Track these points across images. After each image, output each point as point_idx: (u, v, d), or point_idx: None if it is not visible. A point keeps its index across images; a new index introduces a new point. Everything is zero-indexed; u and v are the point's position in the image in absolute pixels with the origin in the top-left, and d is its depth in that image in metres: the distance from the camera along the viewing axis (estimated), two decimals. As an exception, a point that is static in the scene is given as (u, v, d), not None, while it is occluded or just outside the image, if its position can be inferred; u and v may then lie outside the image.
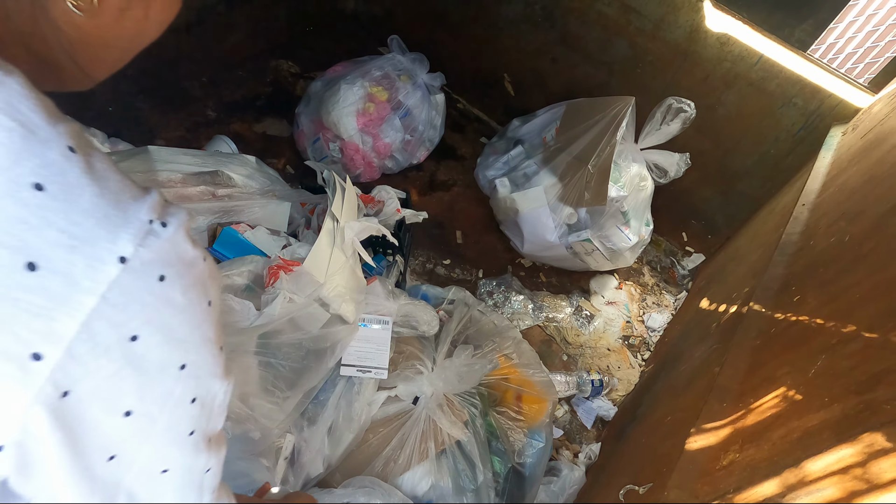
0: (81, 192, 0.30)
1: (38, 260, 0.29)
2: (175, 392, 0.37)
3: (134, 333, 0.33)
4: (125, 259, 0.31)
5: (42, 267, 0.29)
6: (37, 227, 0.29)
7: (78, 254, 0.30)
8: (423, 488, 1.31)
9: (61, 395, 0.31)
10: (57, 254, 0.29)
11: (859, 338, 0.83)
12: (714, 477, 0.89)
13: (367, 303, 1.37)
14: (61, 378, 0.31)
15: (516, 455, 1.46)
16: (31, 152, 0.29)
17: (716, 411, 1.03)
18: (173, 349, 0.35)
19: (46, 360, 0.30)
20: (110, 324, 0.31)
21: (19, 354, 0.30)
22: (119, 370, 0.33)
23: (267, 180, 1.54)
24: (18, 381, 0.30)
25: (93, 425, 0.34)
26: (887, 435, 0.62)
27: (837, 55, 4.07)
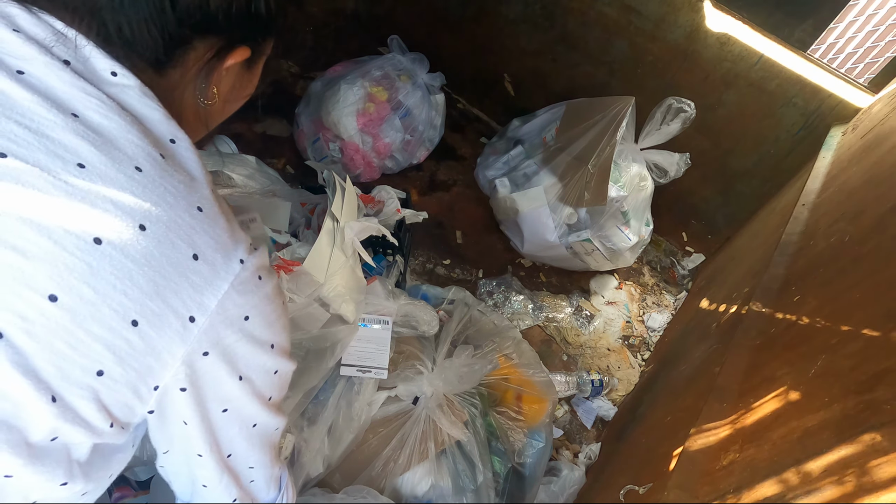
0: (219, 218, 0.47)
1: (200, 253, 0.45)
2: (267, 364, 0.52)
3: (247, 314, 0.48)
4: (243, 261, 0.47)
5: (201, 258, 0.45)
6: (199, 233, 0.45)
7: (219, 253, 0.46)
8: (423, 488, 1.31)
9: (203, 353, 0.46)
10: (209, 251, 0.45)
11: (859, 338, 0.83)
12: (714, 477, 0.89)
13: (367, 303, 1.36)
14: (204, 340, 0.46)
15: (516, 455, 1.46)
16: (196, 189, 0.46)
17: (716, 411, 1.03)
18: (267, 330, 0.50)
19: (197, 323, 0.45)
20: (234, 304, 0.47)
21: (184, 315, 0.44)
22: (237, 341, 0.48)
23: (267, 180, 1.54)
24: (181, 336, 0.44)
25: (218, 382, 0.48)
26: (887, 435, 0.62)
27: (837, 55, 4.07)
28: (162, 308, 0.43)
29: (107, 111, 0.43)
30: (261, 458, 0.57)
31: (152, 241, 0.42)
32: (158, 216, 0.43)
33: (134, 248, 0.42)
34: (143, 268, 0.42)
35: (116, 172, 0.42)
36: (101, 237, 0.41)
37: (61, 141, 0.41)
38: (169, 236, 0.43)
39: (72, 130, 0.41)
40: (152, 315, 0.43)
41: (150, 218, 0.42)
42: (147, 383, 0.45)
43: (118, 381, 0.43)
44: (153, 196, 0.43)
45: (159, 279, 0.43)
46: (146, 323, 0.43)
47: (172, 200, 0.44)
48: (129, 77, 0.45)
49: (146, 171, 0.43)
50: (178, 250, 0.43)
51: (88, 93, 0.43)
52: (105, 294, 0.41)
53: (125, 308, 0.42)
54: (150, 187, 0.43)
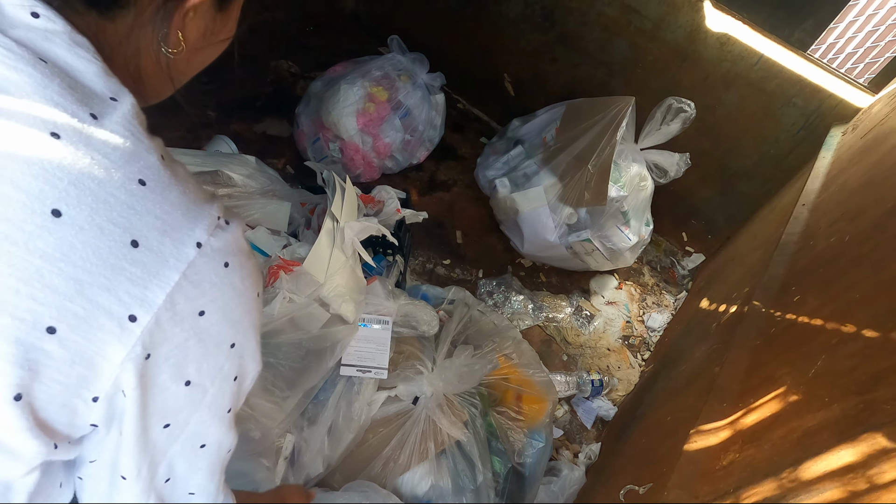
0: (171, 190, 0.39)
1: (140, 238, 0.37)
2: (224, 368, 0.44)
3: (202, 309, 0.40)
4: (201, 244, 0.39)
5: (142, 245, 0.37)
6: (140, 213, 0.37)
7: (167, 237, 0.38)
8: (423, 488, 1.31)
9: (145, 356, 0.39)
10: (153, 235, 0.37)
11: (859, 338, 0.83)
12: (714, 477, 0.89)
13: (367, 303, 1.37)
14: (147, 340, 0.38)
15: (516, 455, 1.46)
16: (139, 156, 0.38)
17: (716, 411, 1.03)
18: (228, 328, 0.43)
19: (139, 322, 0.37)
20: (186, 297, 0.39)
21: (120, 315, 0.37)
22: (186, 340, 0.40)
23: (267, 180, 1.54)
24: (117, 338, 0.37)
25: (161, 390, 0.41)
26: (887, 435, 0.62)
27: (837, 55, 4.07)
28: (88, 309, 0.36)
29: (14, 61, 0.34)
30: (205, 485, 0.48)
31: (70, 230, 0.34)
32: (80, 196, 0.35)
33: (43, 241, 0.34)
34: (56, 264, 0.34)
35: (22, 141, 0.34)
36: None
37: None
38: (95, 220, 0.35)
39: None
40: (75, 318, 0.36)
41: (67, 199, 0.34)
42: (82, 396, 0.38)
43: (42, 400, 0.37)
44: (73, 170, 0.34)
45: (83, 275, 0.35)
46: (67, 328, 0.36)
47: (102, 174, 0.35)
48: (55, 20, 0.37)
49: (66, 137, 0.35)
50: (109, 237, 0.36)
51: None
52: (5, 302, 0.34)
53: (35, 315, 0.34)
54: (70, 159, 0.35)
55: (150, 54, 0.44)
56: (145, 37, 0.43)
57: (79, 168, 0.35)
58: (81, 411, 0.39)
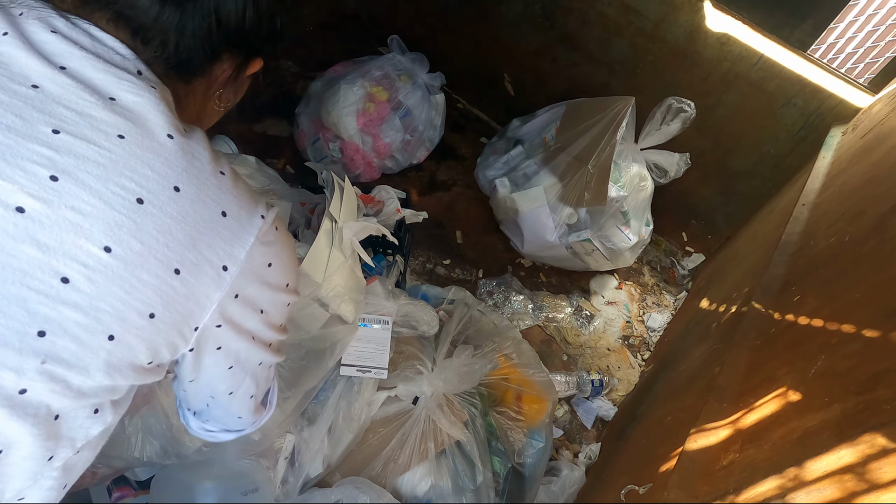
0: (238, 180, 0.54)
1: (227, 210, 0.52)
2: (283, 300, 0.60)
3: (269, 261, 0.56)
4: (264, 216, 0.55)
5: (229, 215, 0.52)
6: (225, 193, 0.52)
7: (243, 210, 0.53)
8: (423, 488, 1.31)
9: (234, 296, 0.53)
10: (234, 209, 0.52)
11: (859, 338, 0.83)
12: (714, 477, 0.89)
13: (367, 303, 1.36)
14: (236, 285, 0.53)
15: (516, 455, 1.46)
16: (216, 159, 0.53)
17: (716, 411, 1.03)
18: (286, 274, 0.59)
19: (230, 272, 0.52)
20: (260, 254, 0.54)
21: (218, 265, 0.51)
22: (261, 284, 0.56)
23: (267, 180, 1.54)
24: (216, 283, 0.51)
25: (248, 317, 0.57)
26: (887, 435, 0.62)
27: (837, 55, 4.07)
28: (199, 258, 0.49)
29: (138, 90, 0.49)
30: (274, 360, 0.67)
31: (186, 201, 0.49)
32: (189, 178, 0.49)
33: (171, 207, 0.48)
34: (180, 223, 0.48)
35: (151, 141, 0.48)
36: (142, 197, 0.47)
37: (102, 118, 0.47)
38: (200, 196, 0.50)
39: (110, 109, 0.48)
40: (191, 264, 0.49)
41: (182, 180, 0.49)
42: (189, 325, 0.51)
43: (167, 323, 0.50)
44: (183, 161, 0.49)
45: (195, 233, 0.49)
46: (186, 271, 0.49)
47: (199, 165, 0.51)
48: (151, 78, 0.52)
49: (176, 139, 0.50)
50: (208, 208, 0.50)
51: (121, 77, 0.49)
52: (150, 246, 0.47)
53: (168, 258, 0.48)
54: (181, 154, 0.49)
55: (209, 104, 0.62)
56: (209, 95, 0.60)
57: (187, 160, 0.50)
58: (187, 336, 0.52)
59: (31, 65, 0.47)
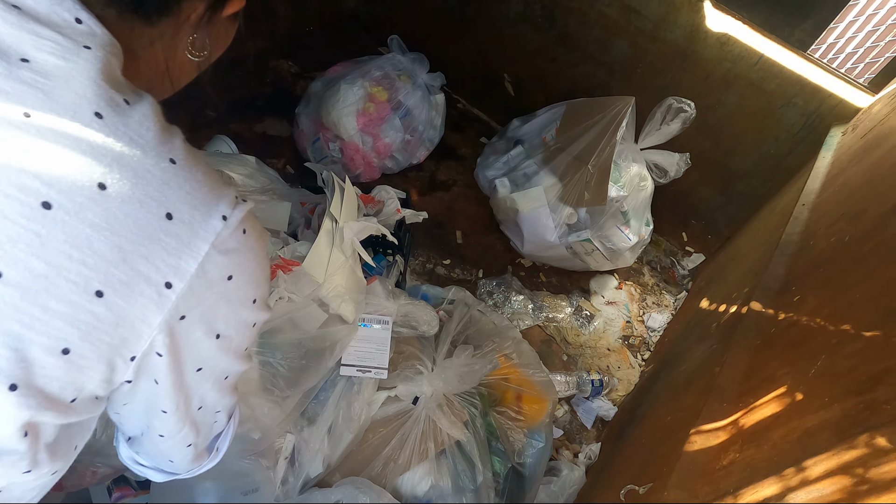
0: (197, 169, 0.42)
1: (174, 212, 0.40)
2: (247, 320, 0.50)
3: (230, 273, 0.45)
4: (226, 217, 0.43)
5: (176, 217, 0.40)
6: (173, 188, 0.40)
7: (197, 210, 0.42)
8: (423, 488, 1.31)
9: (180, 318, 0.43)
10: (185, 209, 0.41)
11: (859, 338, 0.83)
12: (714, 477, 0.89)
13: (367, 303, 1.36)
14: (182, 305, 0.42)
15: (516, 455, 1.46)
16: (167, 138, 0.41)
17: (716, 411, 1.03)
18: (251, 287, 0.48)
19: (175, 289, 0.41)
20: (216, 265, 0.43)
21: (158, 282, 0.40)
22: (217, 301, 0.45)
23: (267, 180, 1.54)
24: (155, 304, 0.41)
25: (195, 344, 0.46)
26: (887, 435, 0.62)
27: (837, 55, 4.07)
28: (130, 276, 0.39)
29: (63, 51, 0.38)
30: (228, 402, 0.56)
31: (114, 202, 0.38)
32: (122, 171, 0.38)
33: (92, 212, 0.37)
34: (103, 233, 0.38)
35: (70, 121, 0.37)
36: (50, 201, 0.36)
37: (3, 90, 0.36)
38: (135, 194, 0.39)
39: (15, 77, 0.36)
40: (119, 284, 0.39)
41: (111, 174, 0.38)
42: (122, 355, 0.42)
43: (88, 358, 0.40)
44: (115, 147, 0.38)
45: (125, 244, 0.39)
46: (113, 293, 0.39)
47: (140, 152, 0.39)
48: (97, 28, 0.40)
49: (108, 118, 0.38)
50: (147, 210, 0.39)
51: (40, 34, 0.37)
52: (59, 266, 0.37)
53: (86, 279, 0.38)
54: (113, 137, 0.38)
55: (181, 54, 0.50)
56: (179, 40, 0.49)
57: (120, 146, 0.39)
58: (120, 369, 0.43)
59: None
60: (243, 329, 0.50)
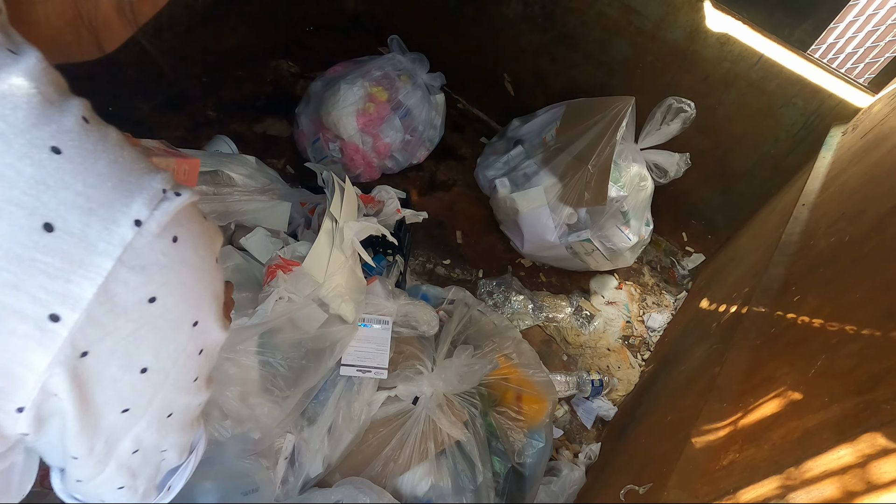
0: (97, 158, 0.31)
1: (54, 221, 0.29)
2: (188, 347, 0.38)
3: (152, 295, 0.34)
4: (140, 222, 0.32)
5: (59, 228, 0.30)
6: (53, 188, 0.29)
7: (94, 216, 0.30)
8: (423, 488, 1.31)
9: (80, 355, 0.32)
10: (73, 215, 0.30)
11: (859, 338, 0.83)
12: (714, 477, 0.89)
13: (367, 303, 1.37)
14: (80, 339, 0.32)
15: (516, 455, 1.46)
16: (49, 118, 0.30)
17: (716, 411, 1.03)
18: (188, 307, 0.37)
19: (64, 322, 0.31)
20: (127, 286, 0.32)
21: (37, 315, 0.30)
22: (137, 329, 0.34)
23: (267, 180, 1.54)
24: (37, 342, 0.31)
25: (110, 382, 0.35)
26: (887, 435, 0.62)
27: (837, 55, 4.06)
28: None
29: None
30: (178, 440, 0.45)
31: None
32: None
33: None
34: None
35: None
36: None
37: None
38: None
39: None
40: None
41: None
42: (3, 409, 0.33)
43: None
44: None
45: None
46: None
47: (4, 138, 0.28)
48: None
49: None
50: (10, 222, 0.29)
51: None
52: None
53: None
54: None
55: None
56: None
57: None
58: (5, 423, 0.33)
59: None
60: (183, 359, 0.38)
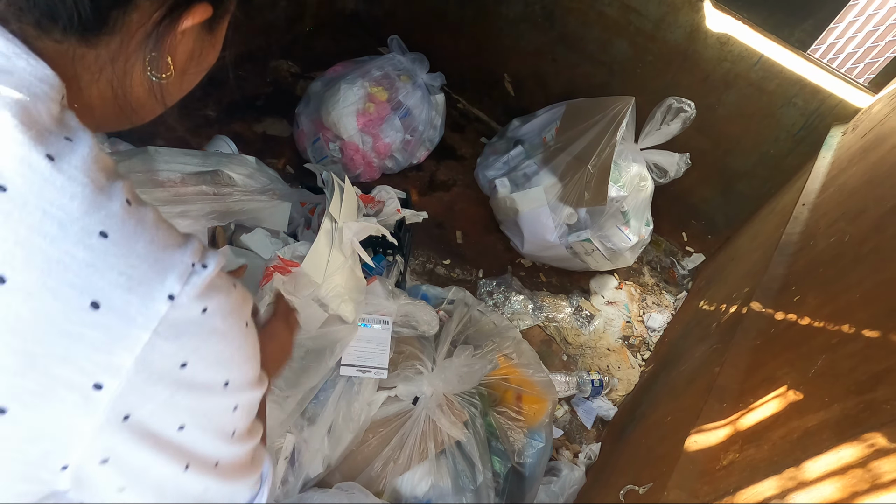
0: (137, 239, 0.35)
1: (100, 299, 0.33)
2: (221, 405, 0.41)
3: (184, 361, 0.37)
4: (173, 297, 0.35)
5: (104, 306, 0.33)
6: (101, 270, 0.33)
7: (133, 294, 0.34)
8: (423, 488, 1.31)
9: (123, 418, 0.35)
10: (116, 294, 0.33)
11: (859, 338, 0.83)
12: (714, 477, 0.89)
13: (367, 303, 1.37)
14: (121, 405, 0.35)
15: (516, 455, 1.46)
16: (100, 205, 0.33)
17: (716, 411, 1.03)
18: (218, 370, 0.40)
19: (107, 389, 0.34)
20: (162, 354, 0.35)
21: (83, 385, 0.33)
22: (173, 394, 0.37)
23: (267, 180, 1.54)
24: (82, 409, 0.34)
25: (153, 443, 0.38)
26: (887, 435, 0.62)
27: (837, 55, 4.06)
28: (44, 384, 0.33)
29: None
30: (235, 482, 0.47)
31: (17, 297, 0.31)
32: (28, 257, 0.31)
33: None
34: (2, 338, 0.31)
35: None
36: None
37: None
38: (47, 284, 0.31)
39: None
40: (29, 395, 0.33)
41: (12, 262, 0.31)
42: (48, 467, 0.35)
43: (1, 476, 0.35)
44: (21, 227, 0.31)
45: (34, 347, 0.32)
46: (20, 407, 0.33)
47: (55, 230, 0.31)
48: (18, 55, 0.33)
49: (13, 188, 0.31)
50: (63, 302, 0.32)
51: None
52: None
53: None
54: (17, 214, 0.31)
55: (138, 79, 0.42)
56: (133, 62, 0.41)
57: (28, 224, 0.31)
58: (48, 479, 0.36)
59: None
60: (219, 415, 0.41)
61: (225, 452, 0.44)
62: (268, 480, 0.54)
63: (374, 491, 1.27)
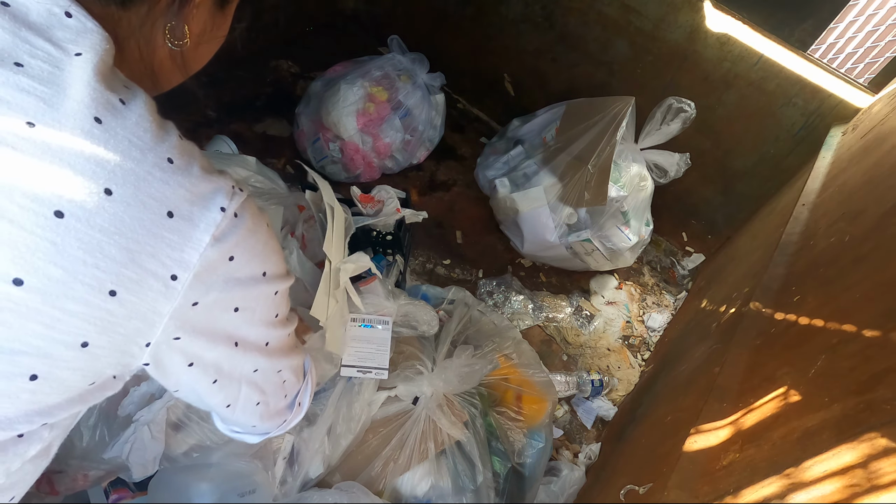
0: (192, 165, 0.44)
1: (174, 209, 0.42)
2: (263, 291, 0.52)
3: (231, 255, 0.47)
4: (224, 208, 0.45)
5: (177, 215, 0.42)
6: (172, 186, 0.42)
7: (196, 205, 0.43)
8: (423, 488, 1.31)
9: (192, 304, 0.46)
10: (184, 206, 0.43)
11: (859, 338, 0.83)
12: (714, 477, 0.89)
13: (368, 303, 1.36)
14: (190, 293, 0.45)
15: (516, 455, 1.46)
16: (164, 138, 0.43)
17: (716, 411, 1.03)
18: (257, 263, 0.50)
19: (180, 280, 0.43)
20: (218, 252, 0.45)
21: (164, 275, 0.43)
22: (226, 283, 0.47)
23: (267, 180, 1.54)
24: (164, 296, 0.43)
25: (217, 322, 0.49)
26: (887, 435, 0.62)
27: (837, 55, 4.06)
28: (140, 274, 0.41)
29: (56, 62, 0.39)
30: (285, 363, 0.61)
31: (121, 206, 0.40)
32: (125, 176, 0.40)
33: (101, 217, 0.39)
34: (113, 237, 0.40)
35: (73, 128, 0.38)
36: (62, 210, 0.38)
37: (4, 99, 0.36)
38: (139, 197, 0.40)
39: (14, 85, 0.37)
40: (130, 282, 0.41)
41: (116, 179, 0.39)
42: (137, 342, 0.45)
43: (105, 349, 0.43)
44: (117, 152, 0.40)
45: (133, 245, 0.41)
46: (125, 291, 0.41)
47: (139, 155, 0.41)
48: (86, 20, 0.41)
49: (107, 122, 0.39)
50: (150, 210, 0.41)
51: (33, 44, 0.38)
52: (75, 271, 0.39)
53: (100, 281, 0.40)
54: (113, 142, 0.39)
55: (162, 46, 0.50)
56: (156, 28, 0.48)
57: (121, 150, 0.40)
58: (136, 354, 0.46)
59: None
60: (262, 300, 0.52)
61: (271, 334, 0.56)
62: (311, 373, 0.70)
63: (374, 491, 1.27)
